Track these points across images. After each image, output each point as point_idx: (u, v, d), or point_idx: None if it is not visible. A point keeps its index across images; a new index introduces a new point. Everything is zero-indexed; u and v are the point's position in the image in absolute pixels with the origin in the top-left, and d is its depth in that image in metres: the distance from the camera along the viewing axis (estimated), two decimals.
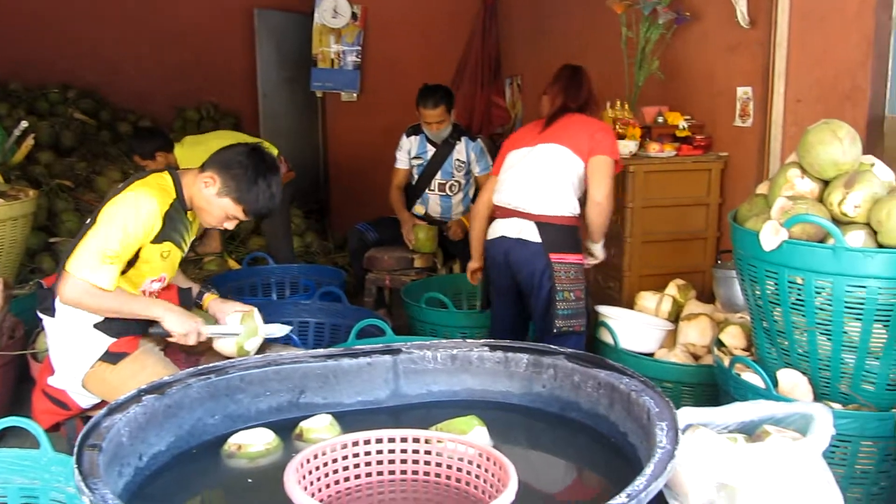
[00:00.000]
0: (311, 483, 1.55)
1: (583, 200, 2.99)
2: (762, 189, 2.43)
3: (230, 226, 2.49)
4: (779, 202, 2.13)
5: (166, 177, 2.44)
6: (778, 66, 3.19)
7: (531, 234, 2.88)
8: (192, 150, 4.18)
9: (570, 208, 2.93)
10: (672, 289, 3.21)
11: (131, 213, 2.28)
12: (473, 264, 3.36)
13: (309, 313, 3.33)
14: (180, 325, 2.36)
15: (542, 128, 3.03)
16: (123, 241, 2.27)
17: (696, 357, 2.86)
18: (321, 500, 1.56)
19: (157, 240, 2.36)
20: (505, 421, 1.95)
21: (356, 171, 6.23)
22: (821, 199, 2.19)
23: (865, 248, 1.99)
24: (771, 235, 2.07)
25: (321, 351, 2.01)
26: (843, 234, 2.03)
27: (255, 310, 2.55)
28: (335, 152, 6.47)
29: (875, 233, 2.04)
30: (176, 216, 2.41)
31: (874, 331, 2.06)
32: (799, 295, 2.10)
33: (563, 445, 1.89)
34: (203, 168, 2.44)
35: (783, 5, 3.13)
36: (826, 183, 2.21)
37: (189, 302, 2.59)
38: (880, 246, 2.03)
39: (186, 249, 2.56)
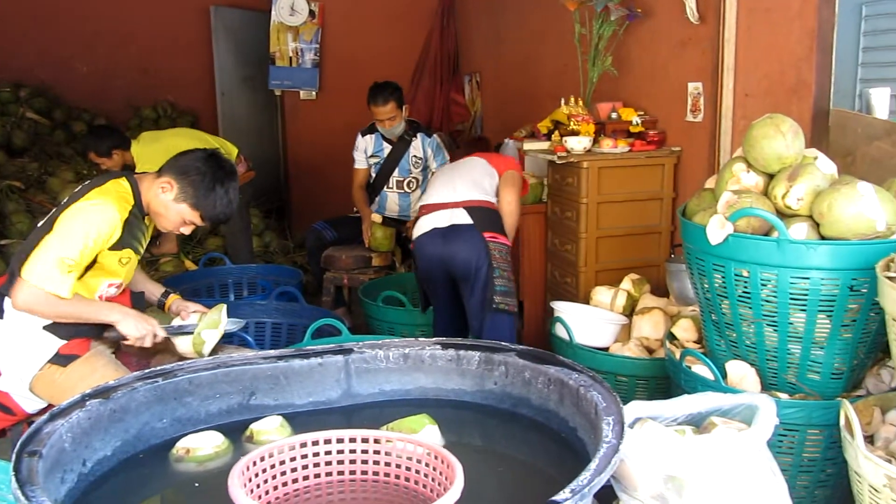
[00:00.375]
0: (258, 486, 1.54)
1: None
2: (710, 183, 2.46)
3: (186, 231, 2.50)
4: (724, 196, 2.16)
5: (124, 183, 2.42)
6: (727, 61, 3.24)
7: (462, 217, 3.04)
8: (150, 147, 4.13)
9: (492, 197, 3.19)
10: (627, 283, 3.24)
11: (91, 222, 2.26)
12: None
13: (265, 313, 3.30)
14: (136, 329, 2.37)
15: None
16: (83, 251, 2.26)
17: (650, 350, 2.89)
18: (268, 503, 1.55)
19: (116, 247, 2.35)
20: (457, 419, 1.96)
21: (316, 169, 6.21)
22: (766, 193, 2.22)
23: (808, 241, 2.02)
24: (717, 229, 2.09)
25: (272, 352, 2.00)
26: (786, 226, 2.06)
27: (224, 307, 2.58)
28: (295, 151, 6.43)
29: (818, 225, 2.07)
30: (134, 222, 2.40)
31: (818, 321, 2.09)
32: (745, 287, 2.13)
33: (515, 442, 1.90)
34: (160, 173, 2.43)
35: (731, 1, 3.17)
36: (771, 176, 2.24)
37: (142, 305, 2.57)
38: (822, 238, 2.06)
39: (143, 253, 2.55)
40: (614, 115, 3.76)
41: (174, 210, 2.41)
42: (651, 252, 3.62)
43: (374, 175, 4.40)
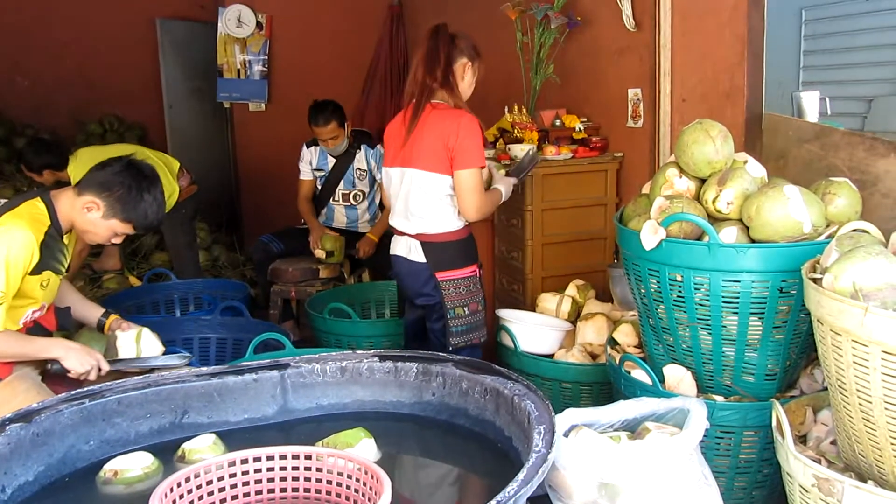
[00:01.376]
0: None
1: None
2: (647, 189, 2.49)
3: (118, 241, 2.48)
4: (657, 202, 2.18)
5: (38, 204, 2.37)
6: (663, 67, 3.28)
7: (417, 254, 2.79)
8: (87, 166, 4.03)
9: (452, 223, 2.77)
10: (572, 289, 3.26)
11: (8, 250, 2.21)
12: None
13: (210, 329, 3.25)
14: (80, 364, 2.35)
15: (405, 136, 2.76)
16: (8, 281, 2.21)
17: (593, 356, 2.91)
18: None
19: (36, 271, 2.31)
20: (395, 431, 1.94)
21: (266, 181, 6.13)
22: (698, 198, 2.24)
23: (738, 244, 2.05)
24: (650, 235, 2.11)
25: (205, 369, 1.97)
26: (717, 230, 2.08)
27: (146, 330, 2.55)
28: (245, 163, 6.35)
29: (747, 228, 2.10)
30: (52, 244, 2.36)
31: (750, 323, 2.12)
32: (680, 292, 2.15)
33: (453, 453, 1.89)
34: (80, 191, 2.38)
35: (665, 8, 3.22)
36: (703, 181, 2.27)
37: (67, 322, 2.54)
38: (752, 241, 2.09)
39: (65, 271, 2.49)
40: (558, 122, 3.79)
41: (104, 226, 2.39)
42: (596, 258, 3.64)
43: (319, 187, 4.37)
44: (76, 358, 2.35)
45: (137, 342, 2.56)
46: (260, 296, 4.37)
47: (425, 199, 2.74)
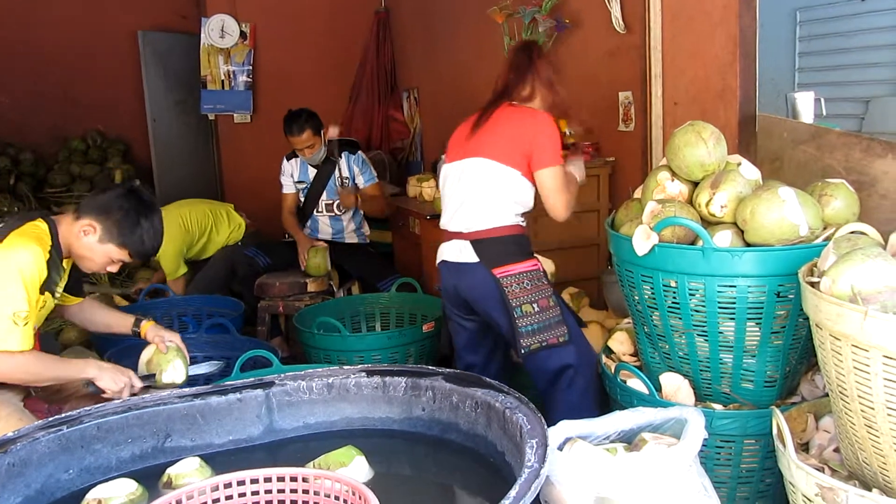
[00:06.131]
0: None
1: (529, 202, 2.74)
2: (639, 193, 2.44)
3: (114, 269, 2.46)
4: (649, 206, 2.13)
5: (41, 224, 2.35)
6: (654, 70, 3.24)
7: (469, 254, 2.59)
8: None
9: (508, 218, 2.61)
10: (565, 297, 3.21)
11: (24, 266, 2.18)
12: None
13: (196, 347, 3.18)
14: (114, 383, 2.35)
15: (471, 130, 2.69)
16: (28, 298, 2.19)
17: None
18: None
19: (41, 290, 2.28)
20: (386, 448, 1.90)
21: (254, 194, 6.07)
22: (691, 201, 2.20)
23: (732, 248, 2.00)
24: (642, 240, 2.06)
25: (187, 390, 1.92)
26: (711, 234, 2.04)
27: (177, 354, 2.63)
28: (231, 176, 6.30)
29: (742, 232, 2.05)
30: (53, 265, 2.32)
31: (748, 329, 2.07)
32: (674, 298, 2.10)
33: (445, 469, 1.85)
34: (79, 214, 2.37)
35: (655, 9, 3.18)
36: (695, 184, 2.22)
37: (54, 347, 2.48)
38: (747, 244, 2.05)
39: (59, 298, 2.47)
40: None
41: (100, 251, 2.37)
42: (589, 265, 3.59)
43: (302, 199, 4.31)
44: (110, 377, 2.34)
45: (163, 366, 2.57)
46: (248, 312, 4.29)
47: (485, 191, 2.60)
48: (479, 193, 2.62)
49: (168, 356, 2.56)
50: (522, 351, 2.51)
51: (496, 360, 2.84)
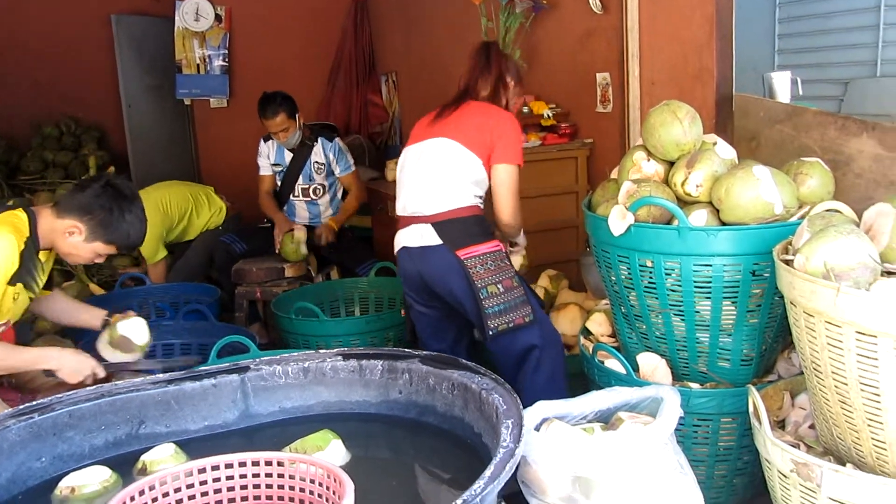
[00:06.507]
0: None
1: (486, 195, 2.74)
2: (615, 174, 2.44)
3: (100, 261, 2.48)
4: (625, 186, 2.13)
5: (20, 214, 2.32)
6: (631, 50, 3.23)
7: (431, 237, 2.55)
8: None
9: (467, 199, 2.58)
10: (544, 280, 3.21)
11: None
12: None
13: (173, 334, 3.16)
14: (74, 376, 2.33)
15: (434, 118, 2.70)
16: None
17: (568, 347, 2.85)
18: None
19: (11, 281, 2.24)
20: (363, 432, 1.88)
21: (233, 179, 6.01)
22: (667, 181, 2.19)
23: (708, 227, 2.00)
24: (618, 220, 2.06)
25: (161, 376, 1.89)
26: (687, 213, 2.04)
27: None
28: (208, 162, 6.23)
29: (718, 211, 2.05)
30: (29, 256, 2.29)
31: (724, 308, 2.08)
32: (651, 278, 2.11)
33: (423, 451, 1.84)
34: (60, 213, 2.34)
35: None
36: (671, 164, 2.22)
37: (26, 338, 2.44)
38: (723, 224, 2.05)
39: (38, 292, 2.44)
40: (526, 109, 3.73)
41: (87, 248, 2.38)
42: (568, 247, 3.59)
43: (278, 184, 4.27)
44: (70, 369, 2.32)
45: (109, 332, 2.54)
46: (226, 299, 4.25)
47: (445, 172, 2.58)
48: (438, 174, 2.59)
49: (128, 316, 2.55)
50: (490, 333, 2.46)
51: (462, 347, 2.81)
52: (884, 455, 1.60)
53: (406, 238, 2.63)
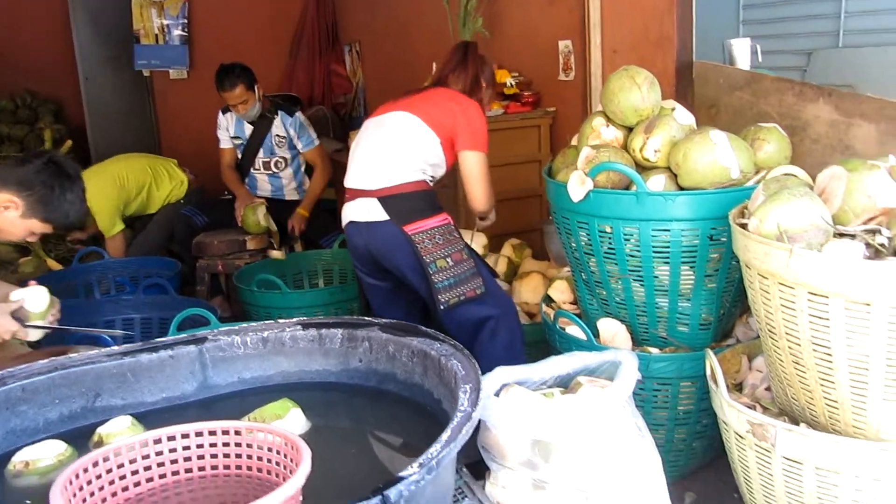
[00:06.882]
0: (94, 493, 1.41)
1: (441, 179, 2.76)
2: (575, 140, 2.43)
3: (33, 239, 2.42)
4: (584, 152, 2.13)
5: None
6: (593, 18, 3.22)
7: (377, 213, 2.52)
8: (100, 191, 3.93)
9: (416, 175, 2.56)
10: (507, 249, 3.21)
11: None
12: None
13: (133, 308, 3.11)
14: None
15: (401, 96, 2.70)
16: None
17: (530, 315, 2.87)
18: None
19: None
20: (324, 401, 1.87)
21: (194, 151, 5.91)
22: (625, 146, 2.20)
23: (665, 192, 2.01)
24: (577, 186, 2.06)
25: (116, 348, 1.86)
26: (645, 179, 2.04)
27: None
28: (169, 134, 6.13)
29: (676, 176, 2.06)
30: None
31: (682, 273, 2.10)
32: (610, 243, 2.11)
33: (383, 419, 1.83)
34: None
35: None
36: (630, 130, 2.22)
37: None
38: (681, 189, 2.06)
39: None
40: None
41: (21, 225, 2.31)
42: (531, 216, 3.60)
43: (239, 156, 4.21)
44: None
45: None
46: (187, 273, 4.20)
47: (399, 144, 2.56)
48: (391, 147, 2.57)
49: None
50: (441, 307, 2.46)
51: (415, 319, 2.77)
52: (836, 414, 1.63)
53: (353, 212, 2.60)
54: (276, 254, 3.88)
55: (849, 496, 1.60)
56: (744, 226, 1.71)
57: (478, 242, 3.12)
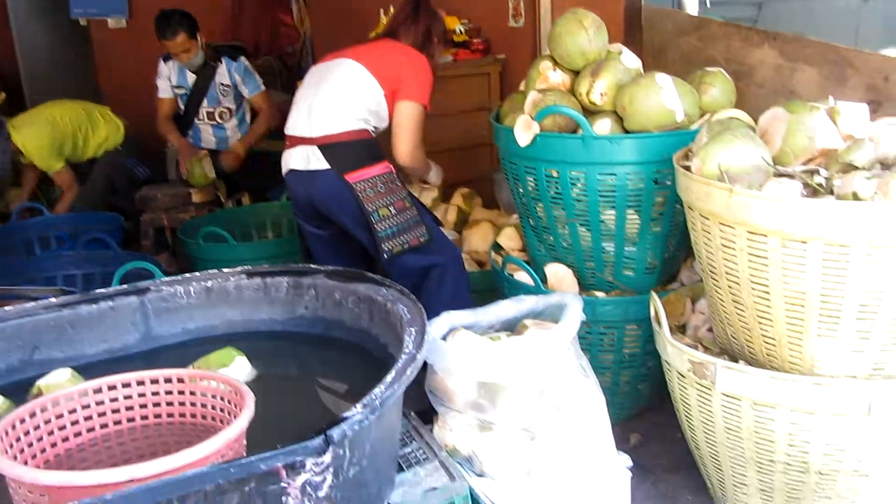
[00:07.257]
0: (32, 443, 1.38)
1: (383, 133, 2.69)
2: (523, 86, 2.41)
3: None
4: (531, 96, 2.11)
5: None
6: None
7: (318, 161, 2.47)
8: (37, 135, 3.85)
9: (357, 123, 2.51)
10: (457, 198, 3.20)
11: None
12: None
13: (74, 265, 3.03)
14: None
15: (349, 45, 2.65)
16: None
17: (480, 264, 2.87)
18: (46, 461, 1.40)
19: None
20: (271, 350, 1.86)
21: (136, 105, 5.71)
22: (572, 90, 2.18)
23: (611, 136, 2.02)
24: (524, 130, 2.05)
25: (54, 300, 1.81)
26: (591, 122, 2.04)
27: None
28: (109, 86, 5.89)
29: (622, 120, 2.06)
30: None
31: (628, 217, 2.11)
32: (556, 188, 2.12)
33: (331, 366, 1.83)
34: None
35: None
36: (577, 73, 2.21)
37: None
38: (627, 132, 2.06)
39: None
40: None
41: None
42: (482, 165, 3.58)
43: (182, 107, 4.09)
44: None
45: None
46: (131, 228, 4.10)
47: (342, 92, 2.51)
48: (334, 93, 2.52)
49: None
50: (385, 256, 2.45)
51: (359, 267, 2.75)
52: (773, 350, 1.67)
53: (293, 160, 2.56)
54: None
55: (784, 429, 1.65)
56: (687, 168, 1.72)
57: (428, 195, 3.11)
